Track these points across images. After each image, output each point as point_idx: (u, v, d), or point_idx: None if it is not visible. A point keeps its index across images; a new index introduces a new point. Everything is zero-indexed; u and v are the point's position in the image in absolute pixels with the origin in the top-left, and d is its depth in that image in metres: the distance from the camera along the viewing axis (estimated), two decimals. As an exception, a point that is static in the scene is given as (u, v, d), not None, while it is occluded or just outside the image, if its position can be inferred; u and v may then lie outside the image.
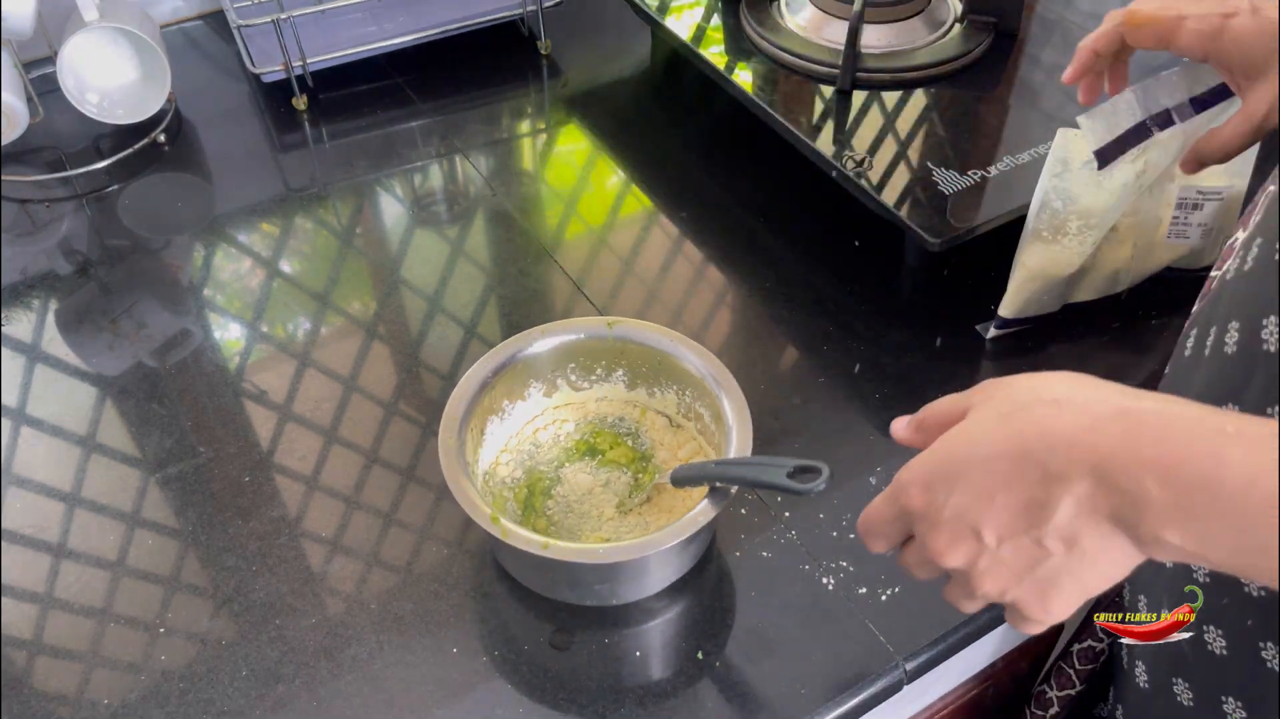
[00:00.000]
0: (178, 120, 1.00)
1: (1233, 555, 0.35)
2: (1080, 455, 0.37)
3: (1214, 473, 0.34)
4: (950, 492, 0.40)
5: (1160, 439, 0.35)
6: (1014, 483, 0.38)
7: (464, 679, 0.60)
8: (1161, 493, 0.35)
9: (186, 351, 0.79)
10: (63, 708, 0.59)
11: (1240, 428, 0.34)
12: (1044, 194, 0.69)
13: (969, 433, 0.41)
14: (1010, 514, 0.39)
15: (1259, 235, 0.47)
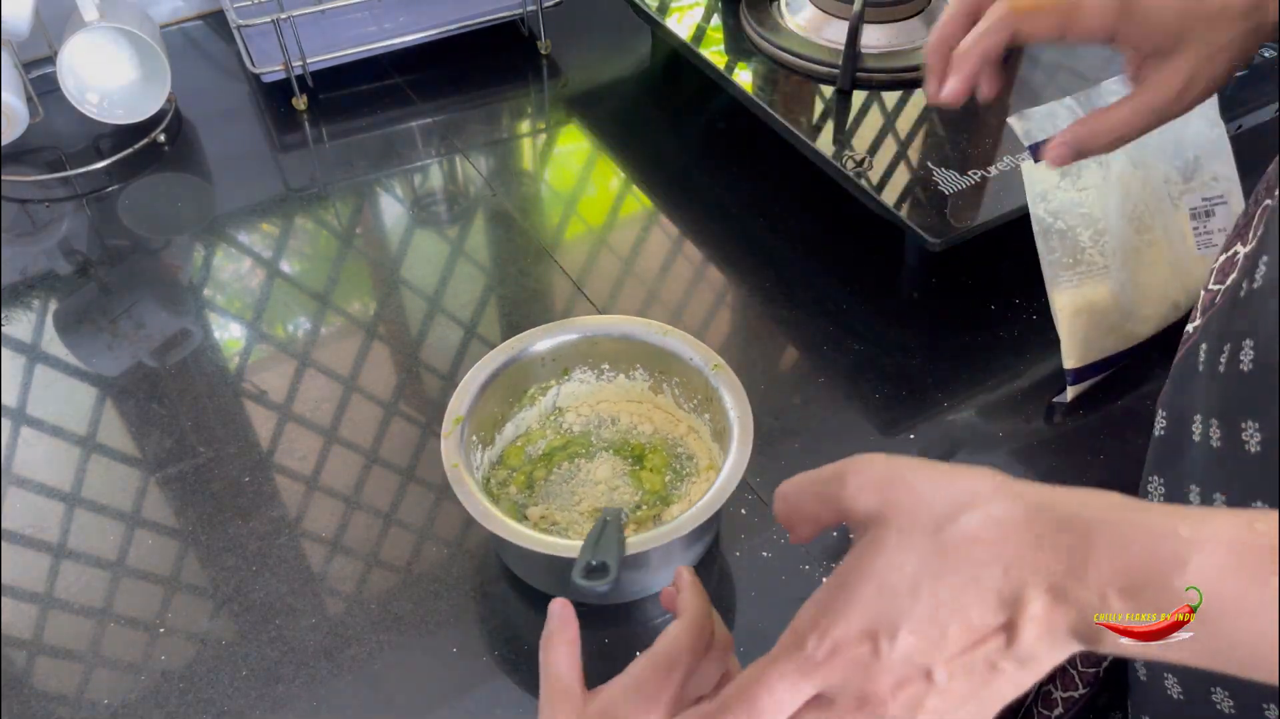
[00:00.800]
0: (178, 120, 1.00)
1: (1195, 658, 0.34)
2: (1033, 578, 0.34)
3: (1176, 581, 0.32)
4: (895, 639, 0.35)
5: (1117, 553, 0.33)
6: (968, 615, 0.35)
7: (464, 679, 0.60)
8: (1122, 606, 0.33)
9: (186, 352, 0.79)
10: (63, 708, 0.59)
11: (1194, 529, 0.33)
12: (1040, 224, 0.69)
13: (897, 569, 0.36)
14: (965, 643, 0.35)
15: (1264, 252, 0.46)
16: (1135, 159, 0.70)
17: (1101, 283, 0.71)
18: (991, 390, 0.75)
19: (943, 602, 0.35)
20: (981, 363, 0.76)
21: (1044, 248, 0.69)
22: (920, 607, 0.35)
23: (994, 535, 0.35)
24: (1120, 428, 0.72)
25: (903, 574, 0.35)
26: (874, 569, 0.36)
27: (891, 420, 0.73)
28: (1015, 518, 0.35)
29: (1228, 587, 0.32)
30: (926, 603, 0.35)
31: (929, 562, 0.35)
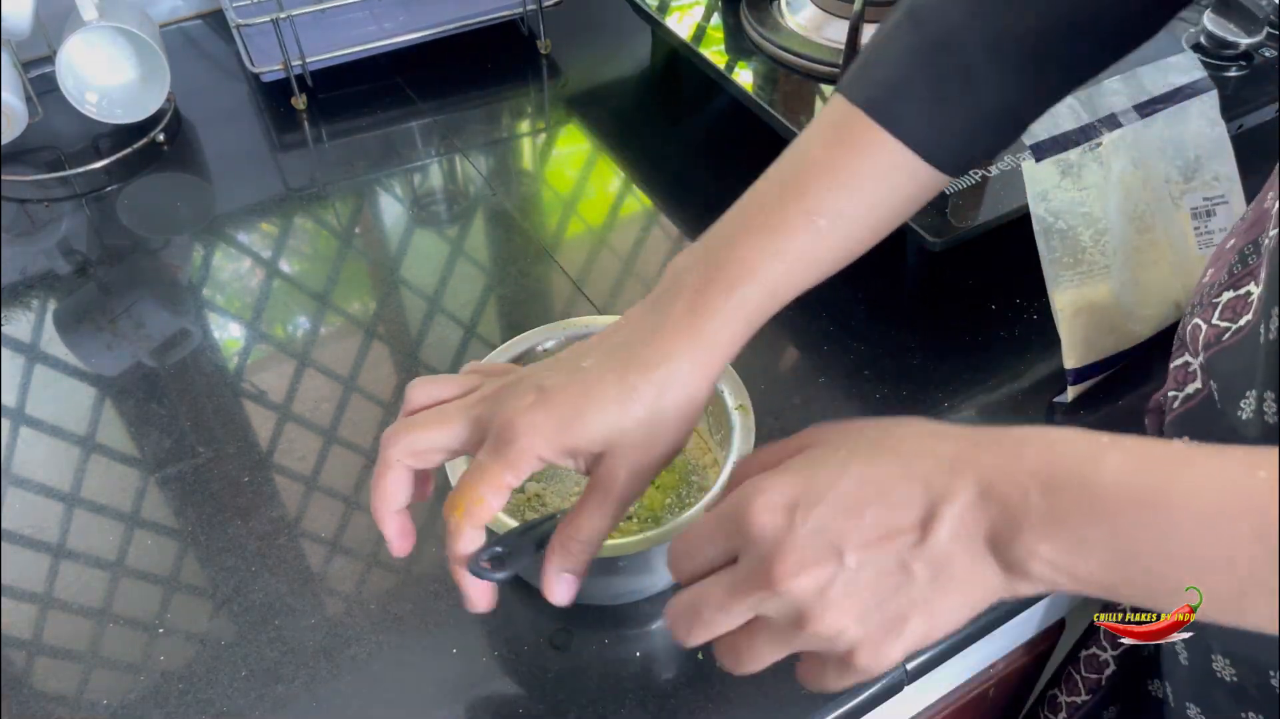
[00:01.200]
0: (177, 120, 1.00)
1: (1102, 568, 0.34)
2: (966, 471, 0.35)
3: (1091, 475, 0.34)
4: (811, 510, 0.36)
5: (1043, 450, 0.35)
6: (890, 497, 0.36)
7: (464, 679, 0.59)
8: (1042, 501, 0.34)
9: (186, 352, 0.79)
10: (62, 708, 0.59)
11: (1117, 439, 0.35)
12: (1041, 224, 0.69)
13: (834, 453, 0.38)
14: (880, 531, 0.36)
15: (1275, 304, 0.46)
16: (1136, 159, 0.70)
17: (1102, 283, 0.71)
18: (991, 390, 0.75)
19: (868, 480, 0.36)
20: (981, 363, 0.76)
21: (1045, 248, 0.69)
22: (845, 482, 0.36)
23: (934, 432, 0.37)
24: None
25: (835, 456, 0.37)
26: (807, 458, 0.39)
27: (892, 420, 0.73)
28: (953, 430, 0.37)
29: (1137, 480, 0.33)
30: (852, 480, 0.36)
31: (862, 450, 0.37)
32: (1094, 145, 0.68)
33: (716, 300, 0.47)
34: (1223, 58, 0.89)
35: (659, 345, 0.46)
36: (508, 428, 0.43)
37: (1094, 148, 0.68)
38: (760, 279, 0.47)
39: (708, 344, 0.46)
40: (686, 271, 0.47)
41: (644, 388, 0.44)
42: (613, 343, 0.47)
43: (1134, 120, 0.69)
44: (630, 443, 0.44)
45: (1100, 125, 0.68)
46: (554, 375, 0.45)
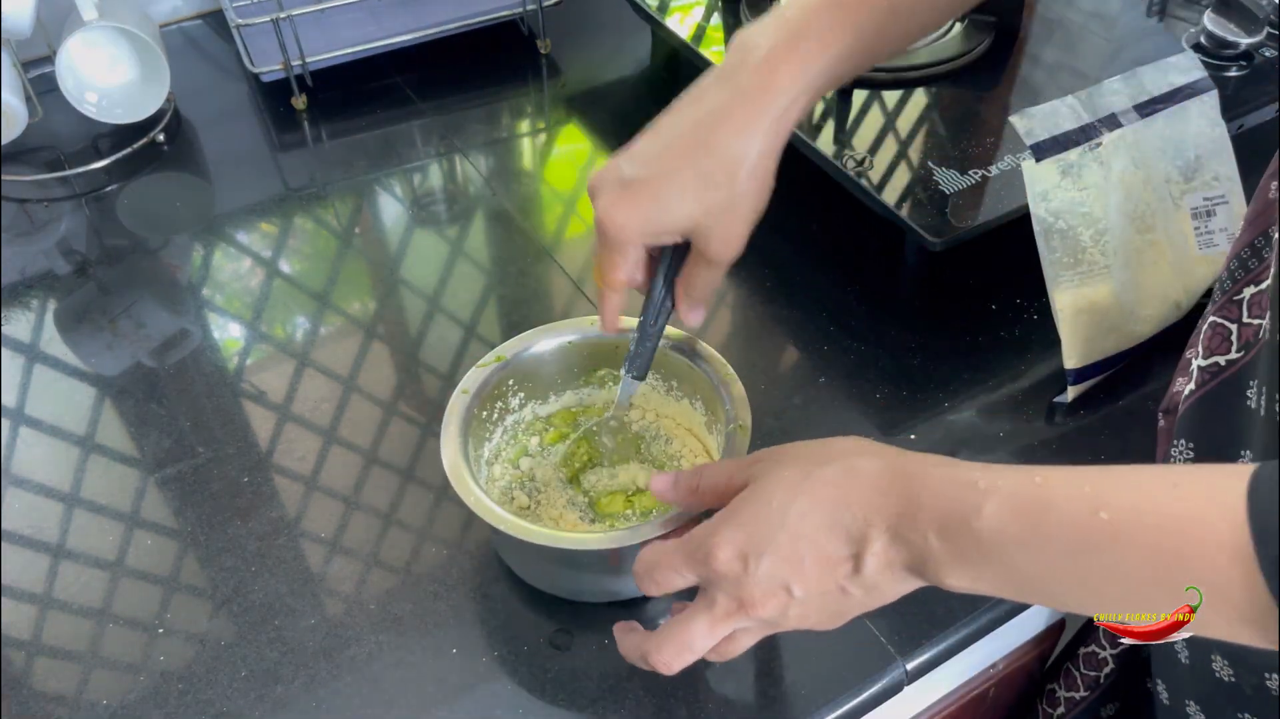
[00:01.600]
0: (177, 120, 1.00)
1: (1003, 590, 0.41)
2: (877, 521, 0.43)
3: (974, 522, 0.40)
4: (760, 557, 0.44)
5: (934, 497, 0.41)
6: (822, 547, 0.44)
7: (464, 679, 0.59)
8: (939, 545, 0.41)
9: (185, 352, 0.79)
10: (62, 708, 0.59)
11: (990, 481, 0.41)
12: (1041, 224, 0.69)
13: (769, 503, 0.45)
14: (819, 573, 0.44)
15: None
16: (1136, 159, 0.70)
17: (1102, 283, 0.71)
18: (991, 390, 0.75)
19: (803, 534, 0.44)
20: (981, 363, 0.76)
21: (1045, 248, 0.69)
22: (784, 535, 0.44)
23: (847, 483, 0.44)
24: (1121, 428, 0.72)
25: (770, 509, 0.44)
26: (750, 505, 0.45)
27: (891, 420, 0.73)
28: (866, 470, 0.44)
29: (1013, 529, 0.39)
30: (790, 533, 0.44)
31: (794, 501, 0.44)
32: (1094, 145, 0.68)
33: (788, 76, 0.49)
34: (1223, 58, 0.89)
35: (731, 125, 0.49)
36: (600, 225, 0.51)
37: (1094, 148, 0.68)
38: (831, 58, 0.50)
39: (777, 119, 0.50)
40: (755, 47, 0.50)
41: (719, 174, 0.49)
42: (687, 121, 0.50)
43: (1134, 120, 0.69)
44: (714, 220, 0.50)
45: (1100, 125, 0.68)
46: (634, 164, 0.50)
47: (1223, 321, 0.55)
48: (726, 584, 0.45)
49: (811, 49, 0.49)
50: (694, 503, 0.52)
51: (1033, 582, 0.40)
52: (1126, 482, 0.39)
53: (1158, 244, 0.72)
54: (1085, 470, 0.40)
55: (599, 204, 0.51)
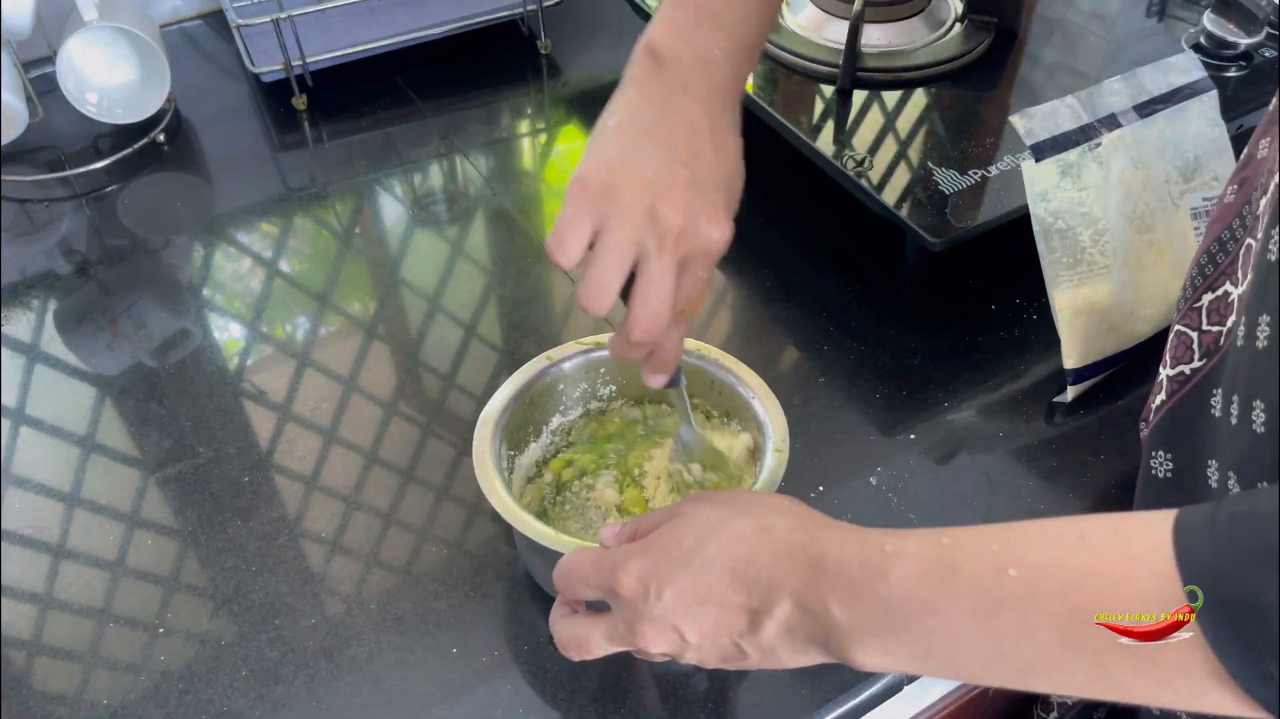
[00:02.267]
0: (177, 120, 1.00)
1: (914, 661, 0.40)
2: (783, 586, 0.41)
3: (881, 590, 0.39)
4: (661, 590, 0.43)
5: (840, 564, 0.40)
6: (722, 597, 0.43)
7: (464, 679, 0.59)
8: (844, 615, 0.40)
9: (186, 352, 0.79)
10: (62, 708, 0.59)
11: (898, 545, 0.40)
12: (1041, 224, 0.69)
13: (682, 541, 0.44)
14: (714, 622, 0.43)
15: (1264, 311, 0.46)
16: (1136, 159, 0.70)
17: (1102, 283, 0.71)
18: (991, 390, 0.75)
19: (705, 581, 0.43)
20: (981, 363, 0.76)
21: (1044, 248, 0.69)
22: (687, 576, 0.43)
23: (758, 540, 0.43)
24: (1120, 428, 0.72)
25: (682, 547, 0.44)
26: (664, 538, 0.45)
27: (891, 420, 0.73)
28: (779, 530, 0.43)
29: (918, 591, 0.39)
30: (692, 576, 0.43)
31: (705, 544, 0.43)
32: (1094, 145, 0.68)
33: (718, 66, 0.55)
34: (1223, 58, 0.89)
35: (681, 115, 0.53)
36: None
37: (1094, 148, 0.68)
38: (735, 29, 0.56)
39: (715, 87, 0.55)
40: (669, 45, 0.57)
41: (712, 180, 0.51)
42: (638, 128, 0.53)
43: (1134, 120, 0.69)
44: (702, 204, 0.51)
45: (1100, 125, 0.68)
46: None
47: (1185, 330, 0.55)
48: (626, 610, 0.45)
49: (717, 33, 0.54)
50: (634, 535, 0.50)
51: (944, 649, 0.39)
52: (1034, 537, 0.39)
53: (1157, 244, 0.72)
54: (994, 528, 0.40)
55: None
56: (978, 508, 0.68)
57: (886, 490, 0.68)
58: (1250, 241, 0.50)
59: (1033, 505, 0.68)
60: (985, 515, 0.67)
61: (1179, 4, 0.96)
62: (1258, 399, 0.45)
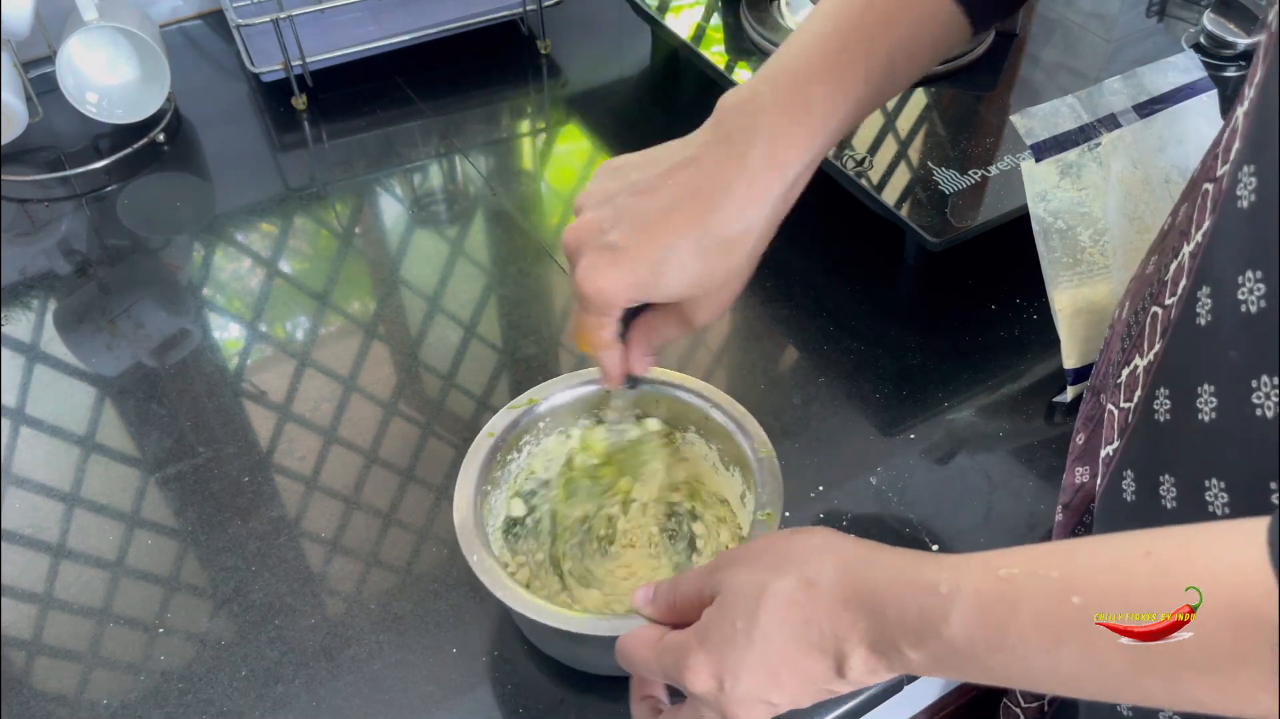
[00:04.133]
0: (177, 120, 1.00)
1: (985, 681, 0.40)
2: (849, 635, 0.41)
3: (944, 632, 0.39)
4: (736, 680, 0.43)
5: (898, 611, 0.40)
6: (795, 664, 0.42)
7: (463, 679, 0.59)
8: (916, 655, 0.40)
9: (186, 352, 0.79)
10: (62, 708, 0.59)
11: (953, 584, 0.39)
12: (1040, 224, 0.69)
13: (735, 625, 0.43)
14: (798, 684, 0.43)
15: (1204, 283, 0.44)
16: (1135, 159, 0.70)
17: (1102, 283, 0.71)
18: (991, 390, 0.75)
19: (772, 653, 0.42)
20: (981, 363, 0.76)
21: (1044, 248, 0.69)
22: (753, 656, 0.42)
23: (807, 600, 0.42)
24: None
25: (736, 631, 0.43)
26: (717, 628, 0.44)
27: (891, 420, 0.73)
28: (823, 584, 0.42)
29: (981, 633, 0.38)
30: (758, 655, 0.42)
31: (756, 622, 0.42)
32: (1093, 145, 0.68)
33: (795, 151, 0.47)
34: (1222, 58, 0.89)
35: (735, 203, 0.46)
36: (583, 289, 0.47)
37: (1093, 148, 0.68)
38: (833, 129, 0.48)
39: (783, 196, 0.48)
40: (762, 112, 0.47)
41: (720, 252, 0.47)
42: (684, 187, 0.47)
43: (1134, 120, 0.69)
44: (706, 293, 0.49)
45: (1100, 125, 0.68)
46: (623, 228, 0.47)
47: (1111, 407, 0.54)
48: (708, 702, 0.44)
49: (815, 120, 0.47)
50: (672, 618, 0.49)
51: (1019, 677, 0.39)
52: (1096, 559, 0.37)
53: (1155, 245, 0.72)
54: (1053, 550, 0.39)
55: (581, 265, 0.47)
56: (978, 508, 0.68)
57: (886, 490, 0.68)
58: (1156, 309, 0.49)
59: (1033, 505, 0.68)
60: (985, 515, 0.67)
61: (1179, 4, 0.96)
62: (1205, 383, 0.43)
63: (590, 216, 0.48)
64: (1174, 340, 0.46)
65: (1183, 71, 0.71)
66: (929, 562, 0.41)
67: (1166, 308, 0.48)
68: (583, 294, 0.47)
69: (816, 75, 0.47)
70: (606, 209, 0.47)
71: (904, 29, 0.49)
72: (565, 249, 0.49)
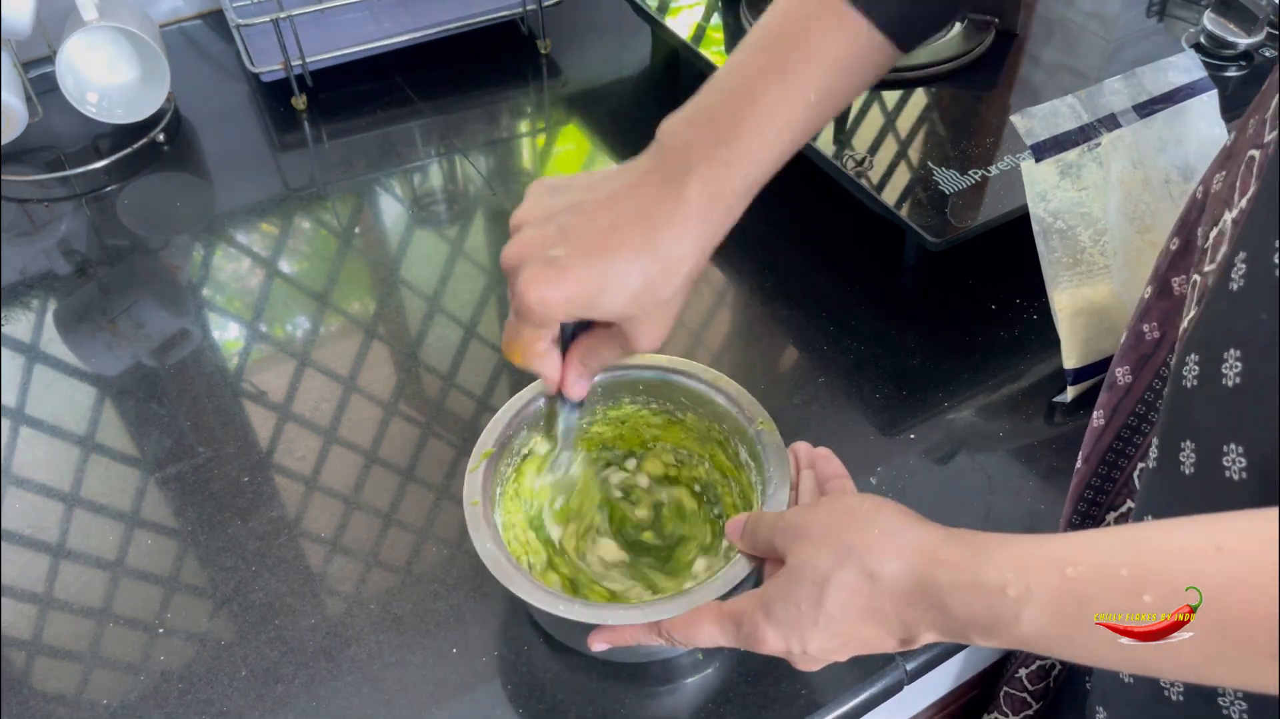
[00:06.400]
0: (177, 120, 1.00)
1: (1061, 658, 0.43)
2: (914, 623, 0.43)
3: (1014, 630, 0.40)
4: (805, 646, 0.46)
5: (966, 610, 0.41)
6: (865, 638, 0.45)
7: (463, 679, 0.59)
8: (985, 641, 0.42)
9: (186, 352, 0.79)
10: (62, 708, 0.59)
11: (1020, 586, 0.40)
12: (1040, 224, 0.69)
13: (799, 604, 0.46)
14: (865, 649, 0.46)
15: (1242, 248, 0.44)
16: (1136, 159, 0.70)
17: (1102, 283, 0.71)
18: (991, 390, 0.75)
19: (839, 631, 0.45)
20: (981, 363, 0.76)
21: (1044, 248, 0.69)
22: (820, 632, 0.45)
23: (872, 591, 0.44)
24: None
25: (800, 611, 0.45)
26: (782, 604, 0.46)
27: (891, 420, 0.73)
28: (887, 578, 0.44)
29: (1054, 631, 0.39)
30: (825, 633, 0.45)
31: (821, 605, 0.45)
32: (1093, 145, 0.68)
33: (731, 183, 0.49)
34: (1223, 58, 0.89)
35: (676, 229, 0.48)
36: (524, 301, 0.48)
37: (1093, 148, 0.68)
38: (767, 161, 0.50)
39: (717, 228, 0.50)
40: (695, 144, 0.49)
41: (661, 275, 0.48)
42: (626, 212, 0.48)
43: (1133, 120, 0.69)
44: (646, 314, 0.49)
45: (1100, 125, 0.68)
46: (565, 245, 0.48)
47: None
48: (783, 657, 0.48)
49: (747, 151, 0.49)
50: (753, 553, 0.53)
51: (1092, 661, 0.41)
52: (1166, 552, 0.38)
53: (1157, 244, 0.72)
54: (1119, 543, 0.39)
55: (522, 277, 0.48)
56: (978, 508, 0.68)
57: (886, 490, 0.68)
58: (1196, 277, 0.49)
59: (1033, 505, 0.68)
60: (985, 515, 0.67)
61: (1179, 4, 0.96)
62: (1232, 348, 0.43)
63: (533, 233, 0.49)
64: (1208, 306, 0.46)
65: (1183, 71, 0.71)
66: (992, 558, 0.41)
67: (1205, 275, 0.48)
68: (525, 305, 0.47)
69: (746, 105, 0.49)
70: (549, 227, 0.49)
71: (828, 57, 0.50)
72: (505, 264, 0.49)
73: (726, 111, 0.49)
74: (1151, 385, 0.55)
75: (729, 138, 0.49)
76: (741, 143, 0.49)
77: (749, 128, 0.49)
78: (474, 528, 0.55)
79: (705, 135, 0.49)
